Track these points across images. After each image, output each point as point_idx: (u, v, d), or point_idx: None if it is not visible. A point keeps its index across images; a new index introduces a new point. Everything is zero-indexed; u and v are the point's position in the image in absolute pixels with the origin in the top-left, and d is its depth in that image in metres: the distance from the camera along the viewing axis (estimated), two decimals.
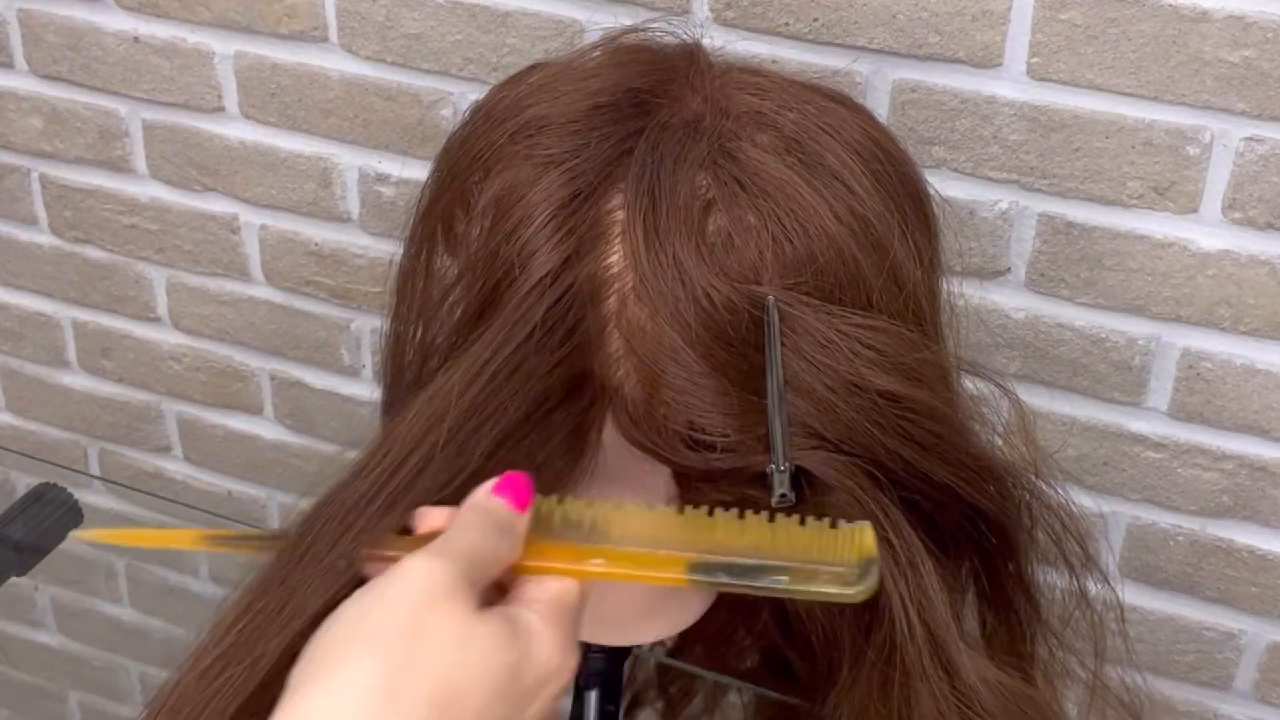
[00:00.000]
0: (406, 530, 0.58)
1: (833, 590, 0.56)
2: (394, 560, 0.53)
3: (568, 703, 0.76)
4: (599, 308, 0.61)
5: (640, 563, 0.57)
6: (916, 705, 0.64)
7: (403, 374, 0.71)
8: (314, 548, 0.58)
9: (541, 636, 0.53)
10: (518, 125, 0.64)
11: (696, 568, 0.57)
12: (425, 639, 0.50)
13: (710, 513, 0.59)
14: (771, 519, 0.59)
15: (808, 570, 0.56)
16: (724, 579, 0.57)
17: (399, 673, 0.49)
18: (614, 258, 0.61)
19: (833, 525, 0.59)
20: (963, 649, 0.64)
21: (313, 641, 0.51)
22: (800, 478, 0.62)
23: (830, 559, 0.57)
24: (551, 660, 0.53)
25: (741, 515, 0.59)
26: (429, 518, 0.58)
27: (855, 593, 0.56)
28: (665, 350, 0.60)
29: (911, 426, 0.62)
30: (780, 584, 0.56)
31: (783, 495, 0.61)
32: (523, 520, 0.56)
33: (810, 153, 0.63)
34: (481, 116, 0.68)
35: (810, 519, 0.59)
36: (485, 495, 0.56)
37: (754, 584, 0.57)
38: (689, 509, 0.60)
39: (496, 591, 0.56)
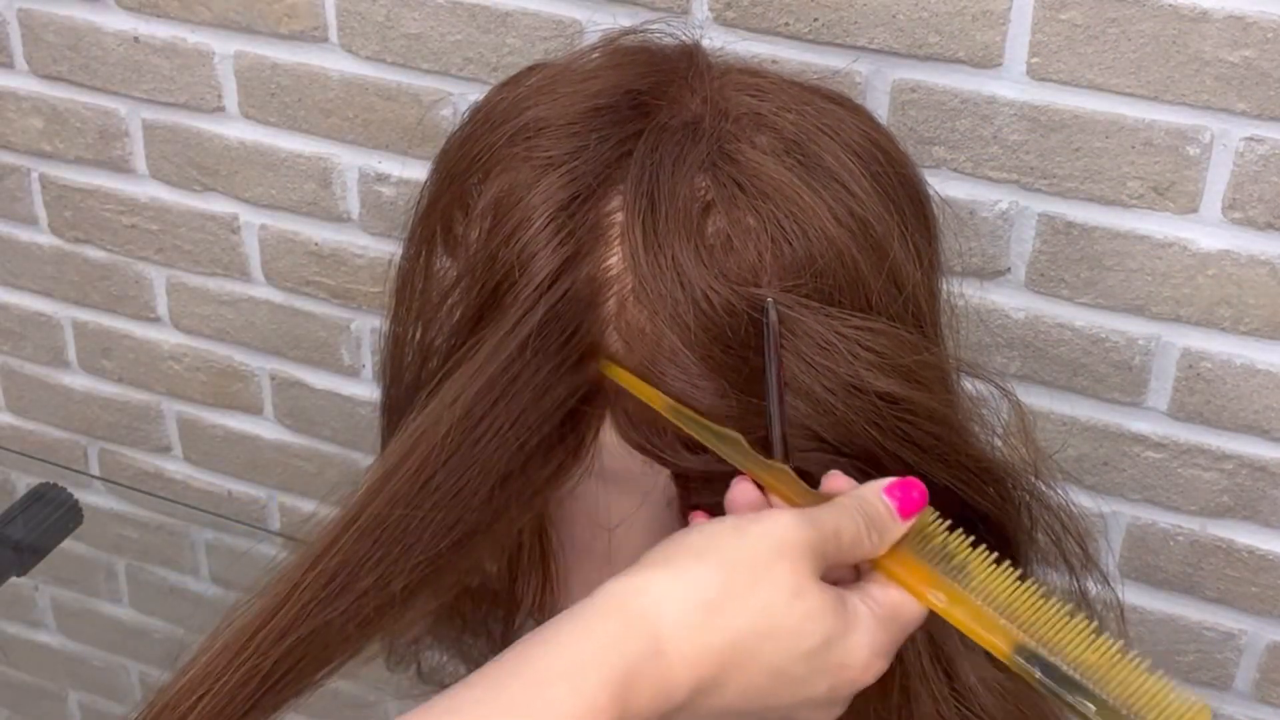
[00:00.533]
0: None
1: None
2: (787, 499, 0.59)
3: None
4: (598, 310, 0.61)
5: (977, 618, 0.58)
6: (916, 706, 0.64)
7: (402, 375, 0.71)
8: (334, 571, 0.59)
9: (865, 627, 0.56)
10: (517, 127, 0.64)
11: (1023, 650, 0.58)
12: (766, 577, 0.54)
13: (1072, 614, 0.59)
14: (1123, 651, 0.59)
15: (1120, 715, 0.57)
16: (1039, 675, 0.57)
17: (734, 592, 0.54)
18: (613, 260, 0.61)
19: (1176, 688, 0.59)
20: (962, 650, 0.64)
21: (675, 536, 0.56)
22: (800, 479, 0.62)
23: (1148, 715, 0.57)
24: (863, 651, 0.56)
25: (1099, 633, 0.59)
26: (834, 481, 0.60)
27: None
28: (664, 352, 0.60)
29: (911, 428, 0.62)
30: (1086, 710, 0.57)
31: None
32: (899, 526, 0.59)
33: (809, 154, 0.62)
34: (480, 118, 0.67)
35: (1160, 673, 0.59)
36: (876, 488, 0.59)
37: (1062, 695, 0.57)
38: (1055, 599, 0.60)
39: (850, 575, 0.59)
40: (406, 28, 1.01)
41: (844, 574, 0.59)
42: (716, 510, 0.61)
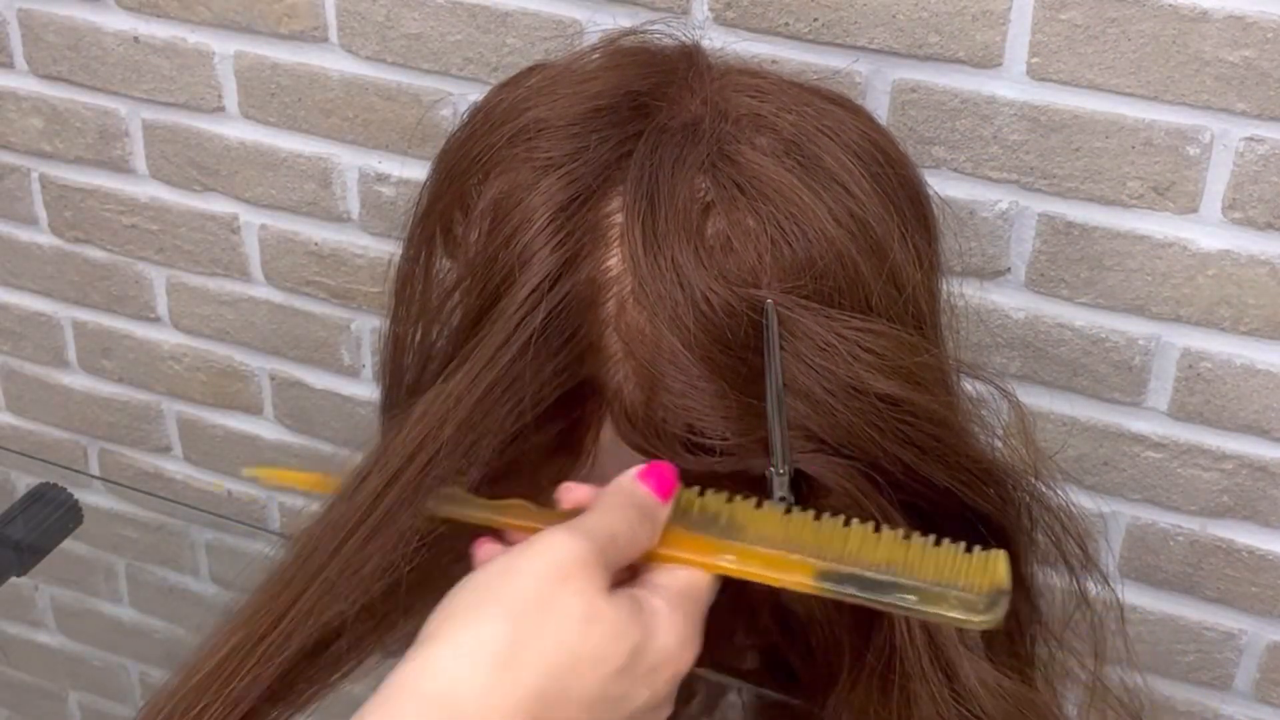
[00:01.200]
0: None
1: (959, 616, 0.56)
2: (532, 530, 0.56)
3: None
4: (598, 311, 0.61)
5: (770, 564, 0.58)
6: (916, 707, 0.64)
7: (402, 376, 0.71)
8: (316, 558, 0.58)
9: (666, 622, 0.55)
10: (517, 128, 0.64)
11: (826, 576, 0.57)
12: (552, 611, 0.52)
13: (846, 523, 0.59)
14: (907, 536, 0.59)
15: (937, 593, 0.57)
16: (851, 591, 0.57)
17: (522, 639, 0.51)
18: (612, 261, 0.61)
19: (967, 549, 0.59)
20: (962, 652, 0.64)
21: (446, 599, 0.53)
22: (800, 481, 0.62)
23: (961, 583, 0.57)
24: (671, 647, 0.55)
25: (878, 529, 0.59)
26: (573, 493, 0.59)
27: (981, 621, 0.56)
28: (664, 353, 0.60)
29: (911, 430, 0.62)
30: (907, 603, 0.57)
31: (782, 499, 0.61)
32: (664, 509, 0.58)
33: (809, 155, 0.62)
34: (480, 119, 0.67)
35: (946, 541, 0.59)
36: (631, 480, 0.58)
37: (881, 599, 0.57)
38: (826, 516, 0.60)
39: (627, 573, 0.58)
40: (406, 28, 1.01)
41: (622, 574, 0.58)
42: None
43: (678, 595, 0.56)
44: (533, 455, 0.63)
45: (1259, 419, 0.92)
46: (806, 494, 0.62)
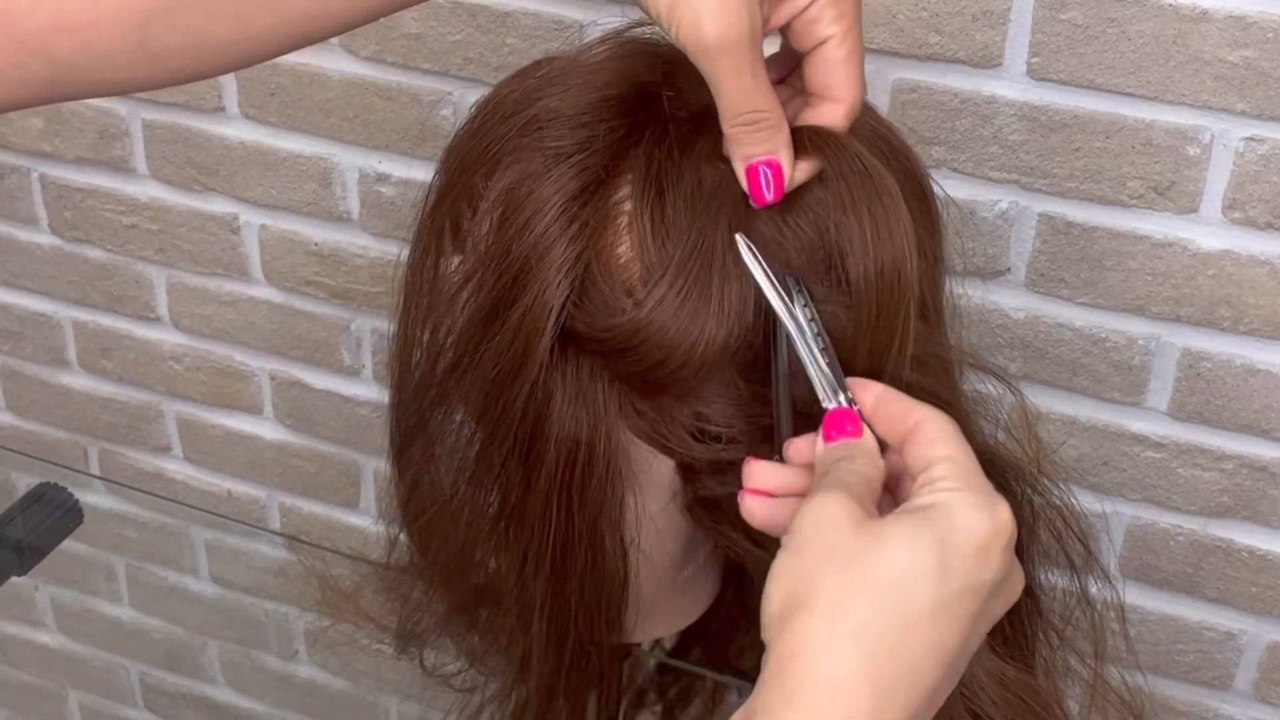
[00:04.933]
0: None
1: None
2: (779, 496, 0.57)
3: None
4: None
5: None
6: None
7: (410, 375, 0.71)
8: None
9: (950, 504, 0.53)
10: (527, 118, 0.64)
11: None
12: (856, 564, 0.51)
13: None
14: None
15: None
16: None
17: (856, 598, 0.50)
18: (622, 248, 0.61)
19: None
20: None
21: (766, 615, 0.52)
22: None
23: None
24: (974, 519, 0.52)
25: None
26: (797, 447, 0.59)
27: None
28: None
29: None
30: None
31: None
32: (869, 437, 0.57)
33: (815, 145, 0.63)
34: (489, 110, 0.67)
35: None
36: (828, 448, 0.58)
37: None
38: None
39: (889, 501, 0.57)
40: (406, 28, 1.01)
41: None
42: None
43: (946, 470, 0.54)
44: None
45: (1259, 419, 0.93)
46: None
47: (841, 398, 0.59)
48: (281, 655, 1.42)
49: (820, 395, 0.59)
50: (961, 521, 0.52)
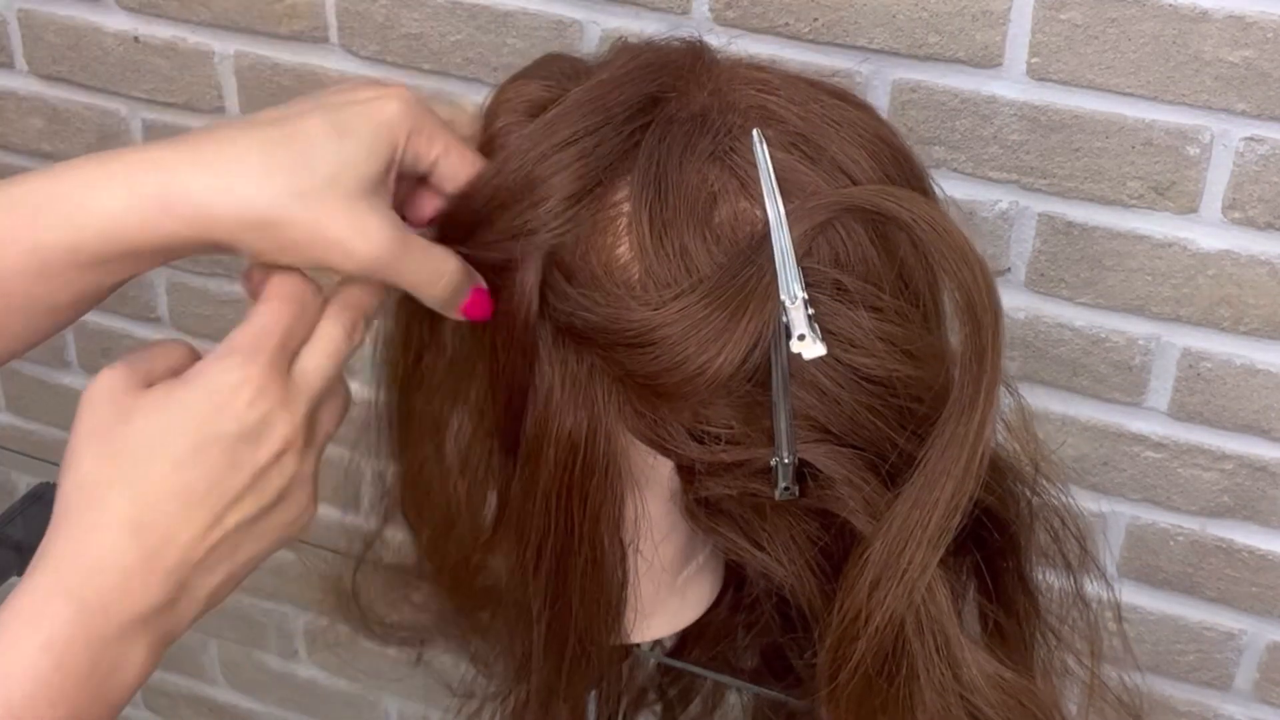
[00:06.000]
0: None
1: None
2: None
3: None
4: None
5: None
6: (919, 698, 0.64)
7: (410, 374, 0.71)
8: None
9: (203, 368, 0.57)
10: (527, 114, 0.65)
11: None
12: (109, 437, 0.56)
13: None
14: None
15: None
16: None
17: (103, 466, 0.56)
18: (621, 249, 0.61)
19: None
20: (965, 644, 0.64)
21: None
22: (804, 471, 0.62)
23: None
24: (218, 378, 0.57)
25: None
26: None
27: None
28: None
29: (915, 418, 0.62)
30: None
31: (785, 488, 0.61)
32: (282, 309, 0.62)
33: (816, 147, 0.63)
34: (489, 113, 0.68)
35: None
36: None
37: None
38: None
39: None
40: (406, 28, 1.01)
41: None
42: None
43: (208, 352, 0.59)
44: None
45: (1259, 419, 0.93)
46: (810, 484, 0.63)
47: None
48: (281, 655, 1.42)
49: (780, 285, 0.60)
50: (204, 381, 0.57)
